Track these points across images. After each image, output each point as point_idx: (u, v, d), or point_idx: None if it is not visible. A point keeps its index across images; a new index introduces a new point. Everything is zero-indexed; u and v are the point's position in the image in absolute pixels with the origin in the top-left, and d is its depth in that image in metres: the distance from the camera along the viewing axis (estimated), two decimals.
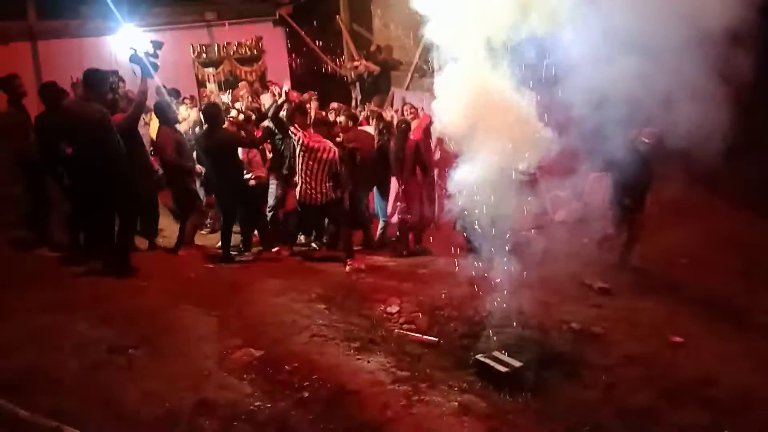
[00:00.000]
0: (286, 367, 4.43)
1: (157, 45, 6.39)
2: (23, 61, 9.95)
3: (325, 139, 7.20)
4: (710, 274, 7.01)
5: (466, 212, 7.24)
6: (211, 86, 12.12)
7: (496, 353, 5.19)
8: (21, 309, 4.85)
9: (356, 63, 11.40)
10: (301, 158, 7.04)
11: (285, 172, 7.57)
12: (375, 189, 8.40)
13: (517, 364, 4.99)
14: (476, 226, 7.35)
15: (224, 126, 7.17)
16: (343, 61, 12.69)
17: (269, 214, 7.77)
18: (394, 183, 8.30)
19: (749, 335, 5.72)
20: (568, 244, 7.31)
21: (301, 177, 7.13)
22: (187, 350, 4.66)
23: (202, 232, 7.98)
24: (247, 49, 12.27)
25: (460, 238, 8.09)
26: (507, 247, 7.95)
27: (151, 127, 8.20)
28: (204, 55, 12.09)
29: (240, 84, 10.42)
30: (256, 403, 4.00)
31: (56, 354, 4.18)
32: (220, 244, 7.27)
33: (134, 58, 6.18)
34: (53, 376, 3.92)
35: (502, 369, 4.88)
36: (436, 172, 8.46)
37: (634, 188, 7.29)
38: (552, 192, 8.66)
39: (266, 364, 4.51)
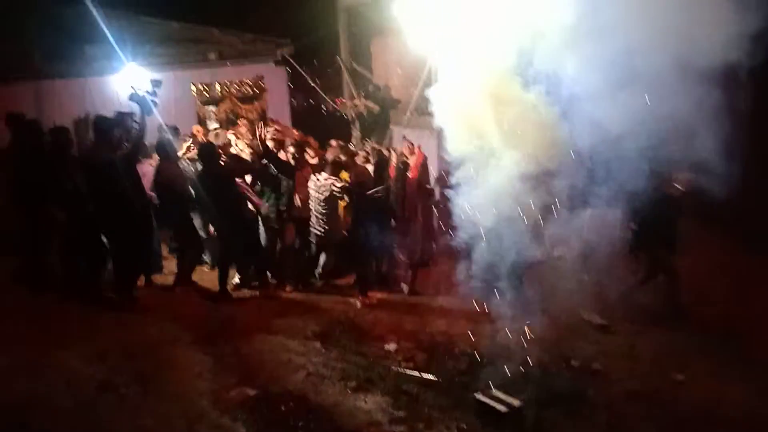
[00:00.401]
0: (282, 407, 4.38)
1: (157, 84, 6.48)
2: (26, 100, 10.06)
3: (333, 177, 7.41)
4: (712, 308, 6.93)
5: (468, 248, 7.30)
6: (213, 124, 12.24)
7: (496, 392, 5.12)
8: (15, 342, 4.81)
9: (356, 102, 11.54)
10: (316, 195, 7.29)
11: (282, 208, 7.60)
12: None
13: (516, 403, 4.92)
14: (478, 263, 7.40)
15: (220, 161, 7.22)
16: (343, 99, 12.84)
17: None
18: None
19: (752, 370, 5.64)
20: (567, 280, 7.29)
21: (316, 215, 7.38)
22: (181, 389, 4.62)
23: (204, 268, 7.94)
24: (248, 87, 12.42)
25: (458, 276, 8.09)
26: (507, 284, 7.98)
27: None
28: (205, 94, 12.23)
29: (239, 121, 10.51)
30: None
31: (48, 390, 4.13)
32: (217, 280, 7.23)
33: (134, 97, 6.26)
34: (44, 413, 3.87)
35: (502, 409, 4.81)
36: (434, 209, 8.47)
37: (663, 233, 7.19)
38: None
39: (261, 404, 4.45)
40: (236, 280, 7.54)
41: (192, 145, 8.25)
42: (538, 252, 7.61)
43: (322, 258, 7.98)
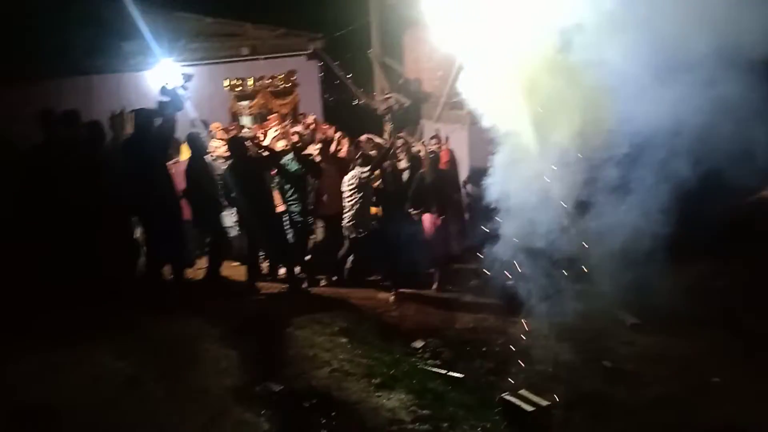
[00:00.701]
0: (305, 403, 4.36)
1: (187, 77, 6.55)
2: (64, 95, 10.28)
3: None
4: (751, 309, 6.69)
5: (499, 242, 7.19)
6: (246, 119, 12.33)
7: (523, 391, 5.03)
8: (47, 339, 4.90)
9: (387, 95, 11.47)
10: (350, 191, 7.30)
11: (311, 207, 7.63)
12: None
13: (543, 403, 4.83)
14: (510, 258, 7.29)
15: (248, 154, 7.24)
16: (374, 93, 12.79)
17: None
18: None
19: None
20: (603, 276, 7.12)
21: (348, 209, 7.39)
22: (206, 384, 4.64)
23: (233, 264, 7.99)
24: (280, 82, 12.46)
25: (488, 271, 7.98)
26: (539, 280, 7.85)
27: (182, 157, 8.36)
28: (238, 89, 12.31)
29: (270, 116, 10.54)
30: None
31: (75, 388, 4.19)
32: (246, 275, 7.27)
33: (165, 91, 6.33)
34: (71, 409, 3.93)
35: (528, 408, 4.72)
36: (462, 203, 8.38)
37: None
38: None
39: (285, 400, 4.45)
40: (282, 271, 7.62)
41: (219, 141, 8.29)
42: (574, 245, 7.49)
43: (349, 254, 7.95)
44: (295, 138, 7.97)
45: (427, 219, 7.81)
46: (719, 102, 5.33)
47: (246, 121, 12.27)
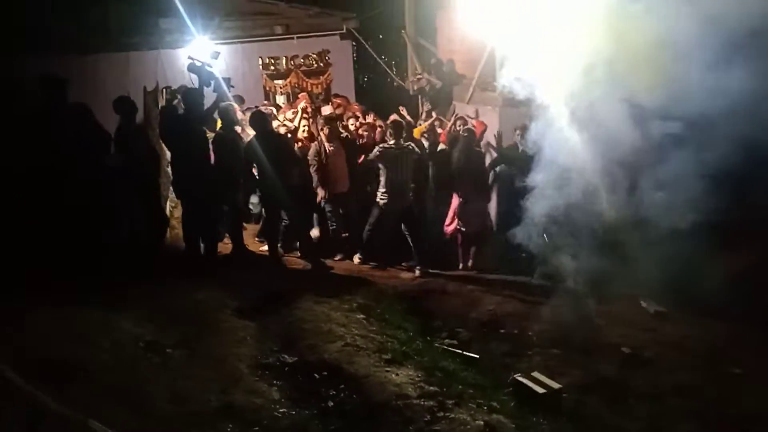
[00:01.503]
0: (316, 375, 4.44)
1: (214, 54, 6.62)
2: (101, 72, 10.53)
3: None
4: None
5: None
6: (280, 98, 12.43)
7: (536, 374, 5.01)
8: (71, 302, 5.06)
9: (419, 76, 11.40)
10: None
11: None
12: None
13: (556, 386, 4.81)
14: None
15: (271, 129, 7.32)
16: (407, 74, 12.73)
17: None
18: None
19: None
20: (632, 260, 7.01)
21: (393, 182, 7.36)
22: (222, 353, 4.76)
23: (257, 240, 8.10)
24: (314, 61, 12.50)
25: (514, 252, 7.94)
26: (565, 266, 7.77)
27: None
28: (272, 68, 12.40)
29: (300, 95, 10.59)
30: (281, 410, 4.03)
31: (95, 348, 4.34)
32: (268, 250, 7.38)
33: (192, 68, 6.42)
34: (89, 369, 4.06)
35: (539, 390, 4.71)
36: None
37: None
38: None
39: (297, 371, 4.54)
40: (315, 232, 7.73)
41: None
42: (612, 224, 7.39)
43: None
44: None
45: (456, 198, 7.81)
46: None
47: (279, 99, 12.37)
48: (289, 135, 7.98)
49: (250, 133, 7.28)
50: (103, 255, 5.77)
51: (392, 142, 7.33)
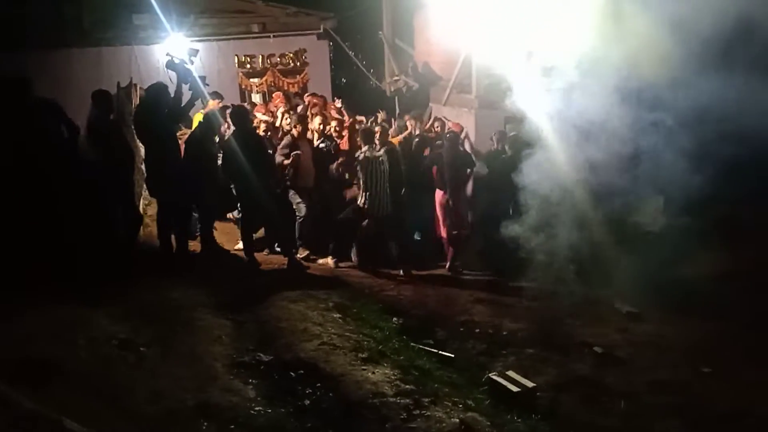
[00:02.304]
0: (292, 373, 4.43)
1: (193, 52, 6.55)
2: (74, 66, 10.37)
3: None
4: (751, 298, 6.63)
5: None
6: (256, 97, 12.36)
7: (511, 373, 5.06)
8: (46, 301, 4.97)
9: (396, 78, 11.44)
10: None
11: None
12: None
13: (530, 384, 4.86)
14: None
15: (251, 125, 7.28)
16: (384, 75, 12.76)
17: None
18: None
19: None
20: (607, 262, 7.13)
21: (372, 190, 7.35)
22: (198, 351, 4.71)
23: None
24: (290, 60, 12.46)
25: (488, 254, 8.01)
26: (538, 266, 7.86)
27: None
28: (248, 66, 12.33)
29: (274, 94, 10.54)
30: (257, 408, 3.99)
31: (70, 347, 4.26)
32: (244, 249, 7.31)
33: (170, 65, 6.34)
34: (65, 368, 3.99)
35: (514, 389, 4.76)
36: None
37: None
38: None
39: (273, 370, 4.51)
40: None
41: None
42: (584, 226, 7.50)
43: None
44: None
45: (439, 197, 7.84)
46: None
47: (255, 98, 12.30)
48: (268, 133, 7.94)
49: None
50: (77, 253, 5.66)
51: (365, 149, 7.35)
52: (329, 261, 7.65)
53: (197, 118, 8.43)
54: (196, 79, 6.78)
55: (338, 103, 9.75)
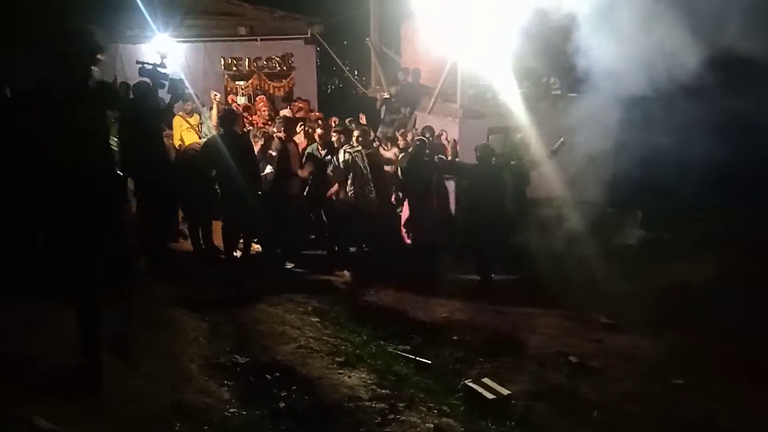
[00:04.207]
0: (267, 376, 4.42)
1: (163, 56, 6.50)
2: None
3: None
4: (722, 313, 6.73)
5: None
6: (241, 99, 12.34)
7: (486, 380, 5.09)
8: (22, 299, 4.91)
9: (384, 95, 11.45)
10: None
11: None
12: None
13: (505, 392, 4.89)
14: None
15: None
16: (371, 81, 12.80)
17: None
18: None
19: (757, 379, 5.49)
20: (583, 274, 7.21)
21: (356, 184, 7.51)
22: (174, 351, 4.68)
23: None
24: (276, 64, 12.46)
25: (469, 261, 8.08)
26: (516, 276, 7.94)
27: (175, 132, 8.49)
28: (234, 69, 12.31)
29: (258, 97, 10.54)
30: (231, 410, 3.98)
31: (45, 345, 4.21)
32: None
33: (143, 72, 6.26)
34: (37, 368, 3.95)
35: (489, 396, 4.78)
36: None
37: None
38: None
39: (249, 372, 4.50)
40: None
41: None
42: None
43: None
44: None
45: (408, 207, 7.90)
46: None
47: (241, 101, 12.27)
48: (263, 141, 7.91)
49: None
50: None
51: (345, 147, 7.49)
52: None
53: (178, 122, 8.45)
54: (174, 81, 6.72)
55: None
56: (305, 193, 7.88)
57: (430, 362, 5.55)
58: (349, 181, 7.53)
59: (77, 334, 3.88)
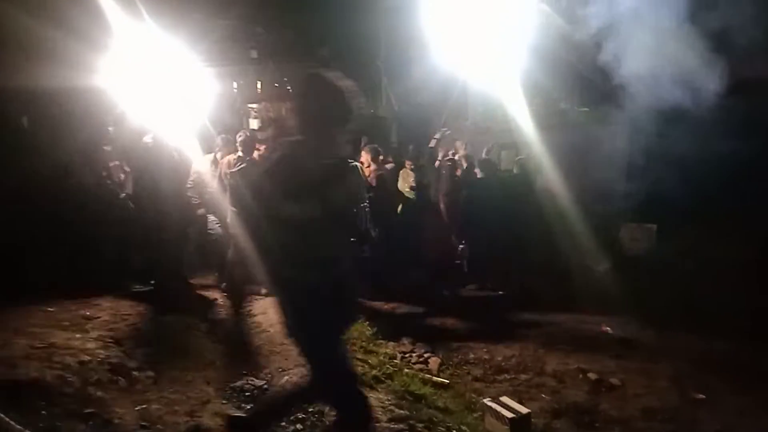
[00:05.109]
0: (284, 398, 4.38)
1: None
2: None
3: None
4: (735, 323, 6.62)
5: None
6: (254, 123, 12.47)
7: (505, 398, 5.04)
8: (38, 325, 4.97)
9: (392, 105, 11.56)
10: None
11: None
12: None
13: (524, 410, 4.83)
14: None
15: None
16: (381, 102, 12.90)
17: None
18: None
19: None
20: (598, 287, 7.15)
21: None
22: (190, 375, 4.70)
23: None
24: (287, 86, 12.59)
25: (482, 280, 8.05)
26: (532, 292, 7.89)
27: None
28: (247, 91, 12.46)
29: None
30: None
31: (61, 370, 4.24)
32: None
33: None
34: (54, 391, 3.97)
35: (508, 414, 4.73)
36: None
37: None
38: None
39: (265, 395, 4.49)
40: None
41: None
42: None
43: None
44: None
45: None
46: None
47: (253, 124, 12.41)
48: None
49: None
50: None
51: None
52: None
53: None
54: None
55: None
56: None
57: (447, 381, 5.52)
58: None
59: None
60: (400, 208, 8.00)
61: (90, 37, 6.34)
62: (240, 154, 6.90)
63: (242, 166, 6.70)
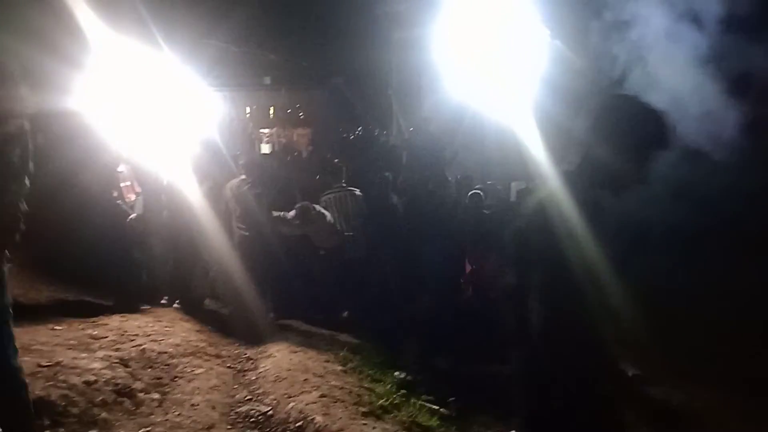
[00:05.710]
0: (290, 424, 4.33)
1: None
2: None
3: None
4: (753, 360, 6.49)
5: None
6: (265, 147, 12.55)
7: None
8: (44, 343, 4.93)
9: (402, 133, 11.61)
10: None
11: None
12: None
13: None
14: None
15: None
16: (392, 130, 12.97)
17: None
18: None
19: None
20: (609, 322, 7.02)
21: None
22: (196, 399, 4.63)
23: None
24: (300, 113, 12.71)
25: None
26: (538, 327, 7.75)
27: None
28: (259, 117, 12.56)
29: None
30: None
31: (67, 390, 4.19)
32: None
33: None
34: (59, 411, 3.92)
35: None
36: None
37: None
38: None
39: (270, 421, 4.42)
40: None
41: None
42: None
43: None
44: None
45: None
46: None
47: (265, 148, 12.49)
48: None
49: None
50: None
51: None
52: None
53: None
54: None
55: None
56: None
57: (454, 415, 5.42)
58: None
59: None
60: None
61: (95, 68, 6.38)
62: (243, 177, 6.96)
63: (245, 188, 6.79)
